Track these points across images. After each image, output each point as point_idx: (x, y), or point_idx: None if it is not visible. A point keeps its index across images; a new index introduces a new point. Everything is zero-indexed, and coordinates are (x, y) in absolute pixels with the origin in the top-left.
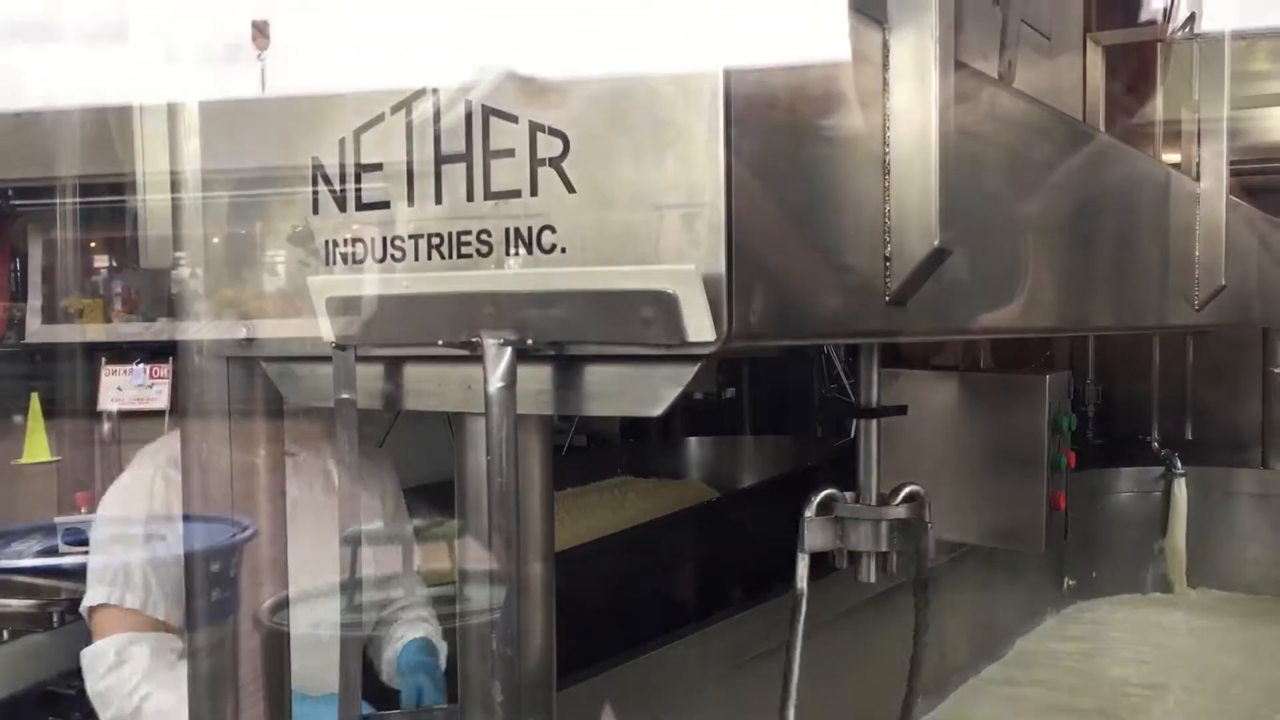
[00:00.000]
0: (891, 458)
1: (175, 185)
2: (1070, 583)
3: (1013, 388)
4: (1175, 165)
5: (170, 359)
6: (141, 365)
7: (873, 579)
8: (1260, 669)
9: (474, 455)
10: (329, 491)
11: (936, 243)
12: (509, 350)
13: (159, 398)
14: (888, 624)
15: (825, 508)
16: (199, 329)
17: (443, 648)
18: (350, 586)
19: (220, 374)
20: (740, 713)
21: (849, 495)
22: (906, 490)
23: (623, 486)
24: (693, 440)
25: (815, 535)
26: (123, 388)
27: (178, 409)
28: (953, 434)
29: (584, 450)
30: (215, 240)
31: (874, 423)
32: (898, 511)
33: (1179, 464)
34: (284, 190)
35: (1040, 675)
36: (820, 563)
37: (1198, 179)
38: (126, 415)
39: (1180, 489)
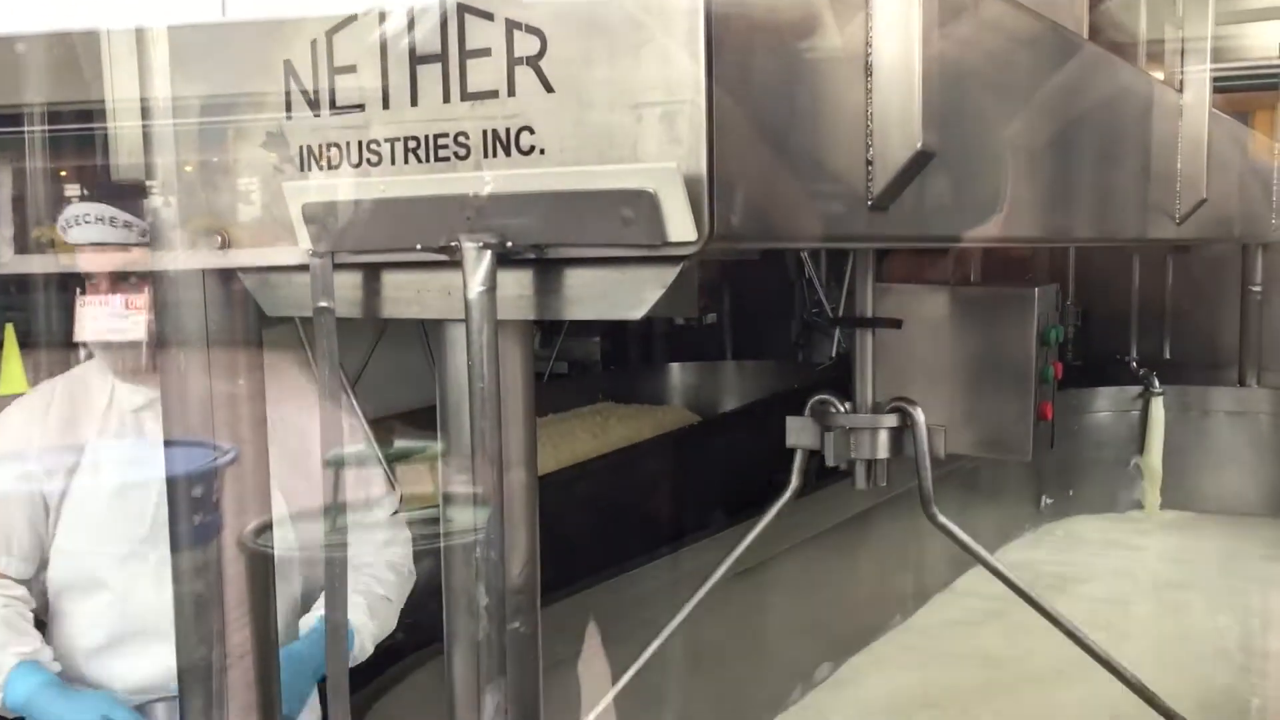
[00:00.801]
0: (883, 371)
1: (145, 106)
2: (1048, 501)
3: (1003, 301)
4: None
5: (147, 289)
6: (118, 295)
7: (864, 486)
8: (1228, 586)
9: (455, 362)
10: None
11: (919, 146)
12: (489, 254)
13: (136, 328)
14: (865, 543)
15: (819, 413)
16: (175, 258)
17: (360, 629)
18: (334, 509)
19: (197, 302)
20: (721, 630)
21: (846, 405)
22: (899, 401)
23: (604, 412)
24: (674, 366)
25: (798, 434)
26: (99, 318)
27: (157, 339)
28: (943, 347)
29: (565, 377)
30: (189, 157)
31: (869, 334)
32: (891, 420)
33: (1157, 383)
34: (256, 95)
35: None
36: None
37: (1181, 90)
38: (104, 346)
39: (1158, 408)
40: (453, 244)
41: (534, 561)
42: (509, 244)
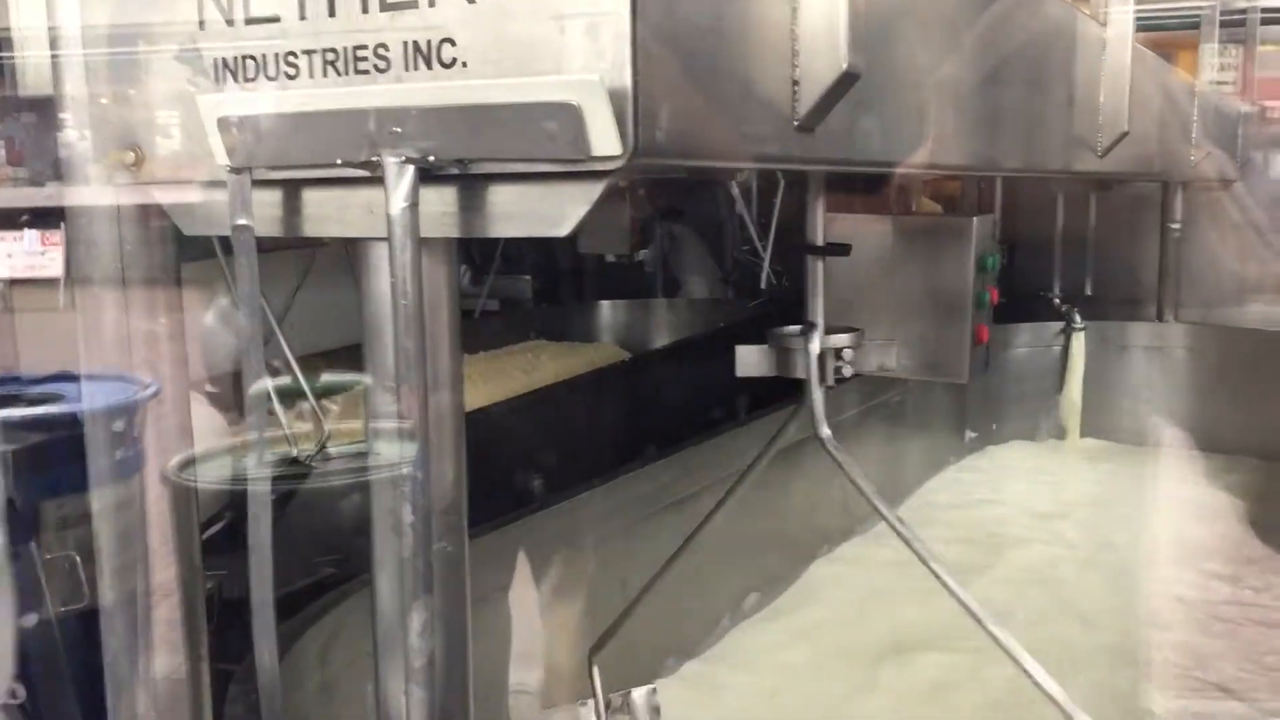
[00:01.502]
0: (828, 297)
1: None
2: (971, 434)
3: (942, 229)
4: None
5: (62, 224)
6: (33, 231)
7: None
8: (1140, 508)
9: (378, 283)
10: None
11: (845, 67)
12: (410, 169)
13: (52, 265)
14: (794, 477)
15: (776, 338)
16: (89, 194)
17: None
18: (261, 441)
19: (113, 240)
20: (652, 560)
21: (797, 328)
22: (847, 326)
23: (536, 350)
24: (605, 303)
25: (747, 364)
26: (13, 254)
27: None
28: (885, 274)
29: (496, 314)
30: (100, 77)
31: (820, 261)
32: (842, 340)
33: (1078, 319)
34: (168, 5)
35: (938, 518)
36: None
37: (1104, 24)
38: (19, 283)
39: (1078, 343)
40: (374, 159)
41: (461, 483)
42: (431, 159)
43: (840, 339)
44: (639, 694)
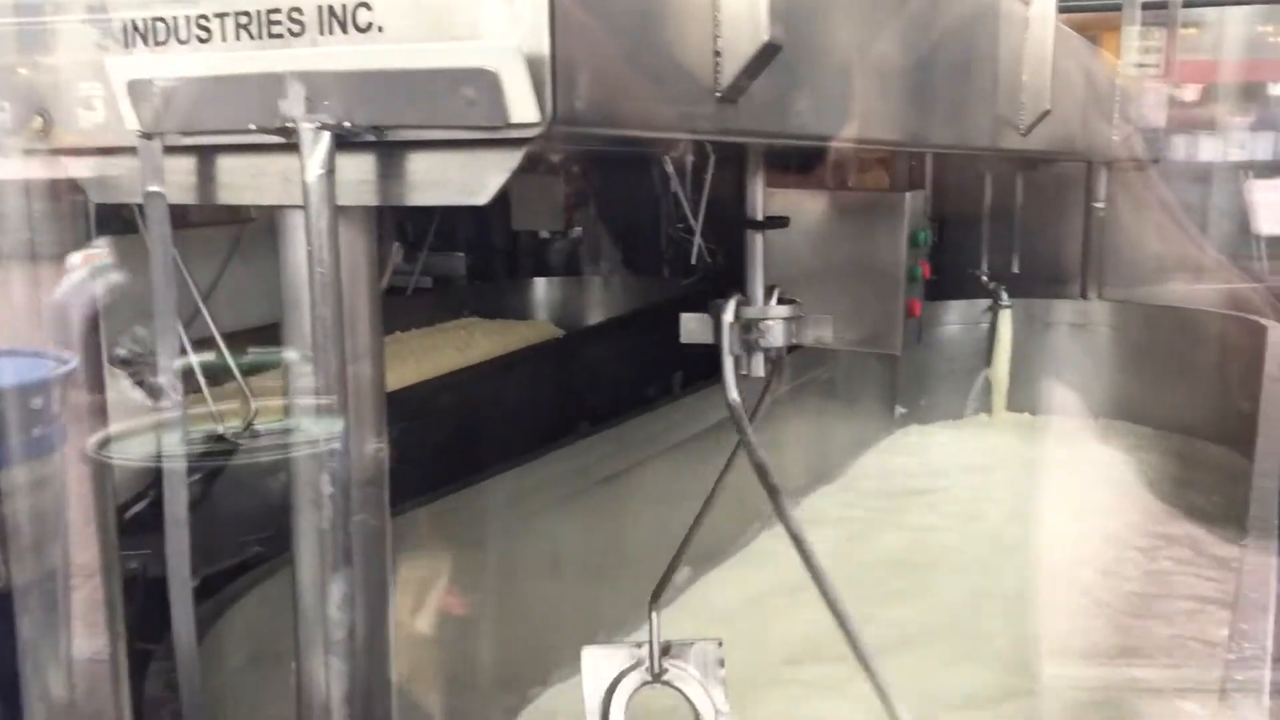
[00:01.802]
0: (766, 271)
1: None
2: (901, 410)
3: (876, 204)
4: None
5: None
6: None
7: (762, 373)
8: (1064, 483)
9: (295, 252)
10: None
11: (766, 38)
12: (326, 135)
13: None
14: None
15: (716, 309)
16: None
17: None
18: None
19: (23, 212)
20: (583, 532)
21: (738, 300)
22: (786, 295)
23: (469, 328)
24: (539, 281)
25: (691, 331)
26: None
27: None
28: (820, 248)
29: (429, 292)
30: (4, 42)
31: (759, 235)
32: (783, 311)
33: (1005, 296)
34: None
35: (868, 492)
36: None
37: (1027, 3)
38: None
39: (1005, 320)
40: (288, 125)
41: (382, 456)
42: (347, 125)
43: (758, 309)
44: (702, 646)
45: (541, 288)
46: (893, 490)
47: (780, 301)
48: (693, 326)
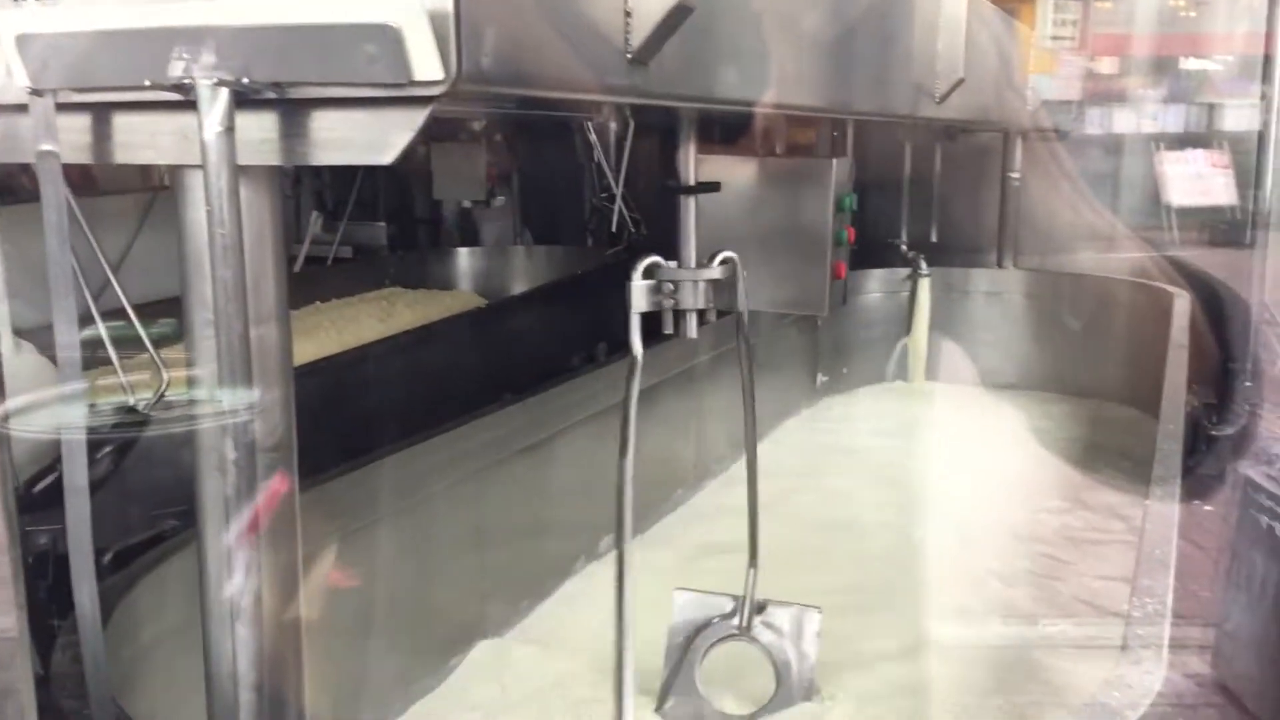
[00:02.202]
0: (698, 234)
1: None
2: (823, 378)
3: (804, 170)
4: None
5: None
6: None
7: (694, 334)
8: (979, 448)
9: (195, 212)
10: None
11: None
12: (224, 92)
13: None
14: (647, 421)
15: (649, 273)
16: None
17: None
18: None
19: None
20: (509, 499)
21: (672, 263)
22: (721, 255)
23: (391, 298)
24: (462, 251)
25: (641, 297)
26: None
27: None
28: (750, 212)
29: (349, 262)
30: None
31: (692, 199)
32: (714, 273)
33: (924, 265)
34: None
35: (789, 458)
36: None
37: None
38: None
39: (924, 289)
40: (185, 81)
41: (289, 420)
42: (246, 81)
43: (687, 271)
44: (800, 610)
45: (465, 258)
46: (813, 456)
47: (722, 264)
48: (642, 294)
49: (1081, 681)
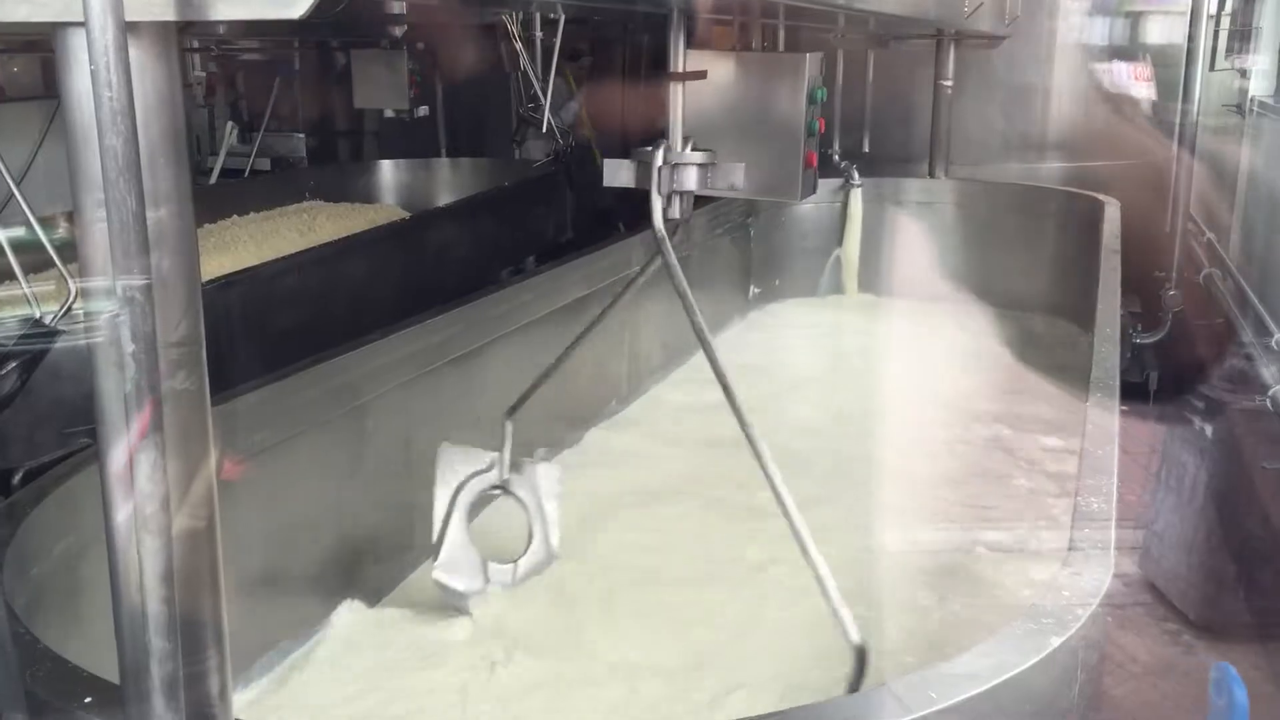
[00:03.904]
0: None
1: None
2: (756, 290)
3: (779, 64)
4: None
5: None
6: None
7: (679, 215)
8: (912, 360)
9: (78, 80)
10: None
11: None
12: None
13: None
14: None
15: (640, 154)
16: None
17: None
18: None
19: None
20: (435, 410)
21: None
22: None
23: (312, 211)
24: (385, 163)
25: (615, 173)
26: None
27: None
28: (728, 104)
29: (267, 174)
30: None
31: (680, 86)
32: (698, 156)
33: (856, 176)
34: None
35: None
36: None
37: None
38: None
39: (856, 200)
40: None
41: (196, 312)
42: None
43: (693, 155)
44: (543, 466)
45: (388, 170)
46: (746, 368)
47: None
48: (615, 171)
49: (1014, 583)
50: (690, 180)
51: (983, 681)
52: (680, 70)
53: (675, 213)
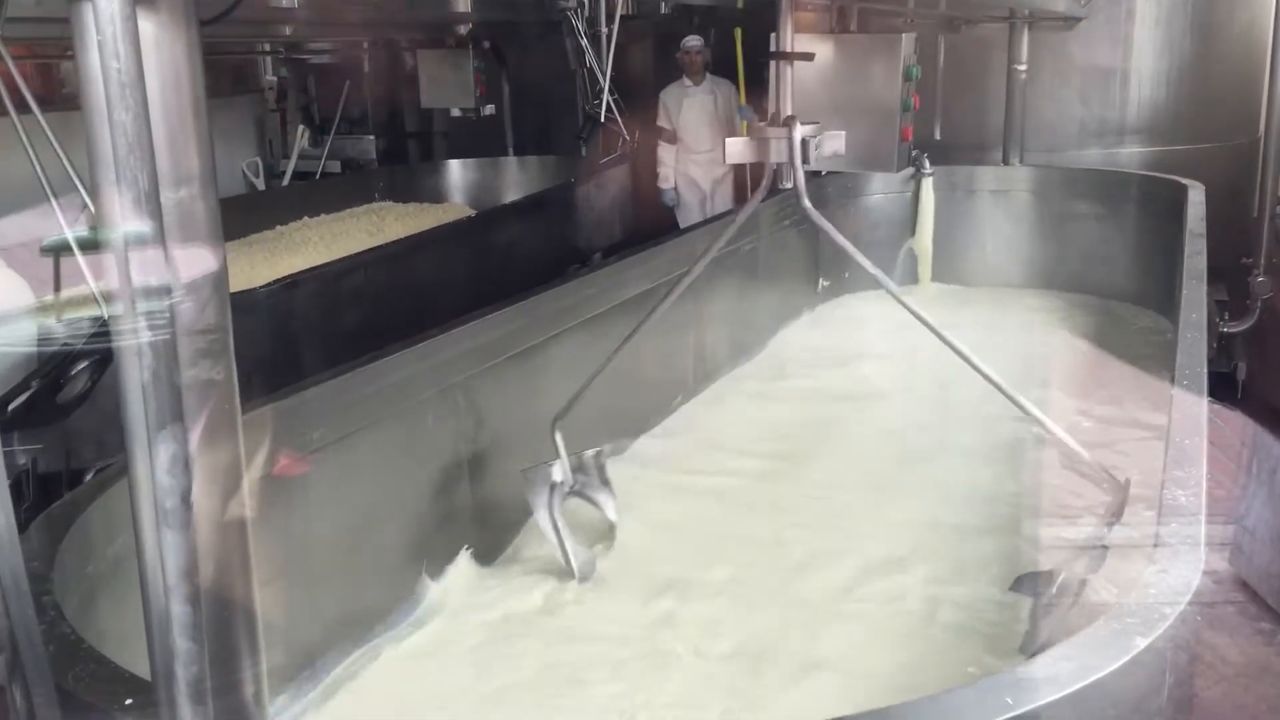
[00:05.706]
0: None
1: None
2: (824, 283)
3: (877, 44)
4: None
5: None
6: None
7: (785, 184)
8: (991, 350)
9: (90, 54)
10: None
11: None
12: None
13: None
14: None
15: (756, 132)
16: None
17: None
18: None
19: None
20: (509, 401)
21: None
22: (804, 119)
23: (381, 211)
24: (453, 163)
25: (738, 151)
26: None
27: None
28: (830, 82)
29: (339, 176)
30: None
31: (789, 66)
32: (805, 130)
33: (927, 164)
34: None
35: (793, 366)
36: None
37: None
38: None
39: (927, 189)
40: None
41: (223, 299)
42: None
43: (809, 128)
44: (588, 455)
45: (455, 170)
46: (817, 362)
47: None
48: (737, 148)
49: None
50: (793, 152)
51: (1063, 686)
52: (789, 50)
53: (781, 181)
